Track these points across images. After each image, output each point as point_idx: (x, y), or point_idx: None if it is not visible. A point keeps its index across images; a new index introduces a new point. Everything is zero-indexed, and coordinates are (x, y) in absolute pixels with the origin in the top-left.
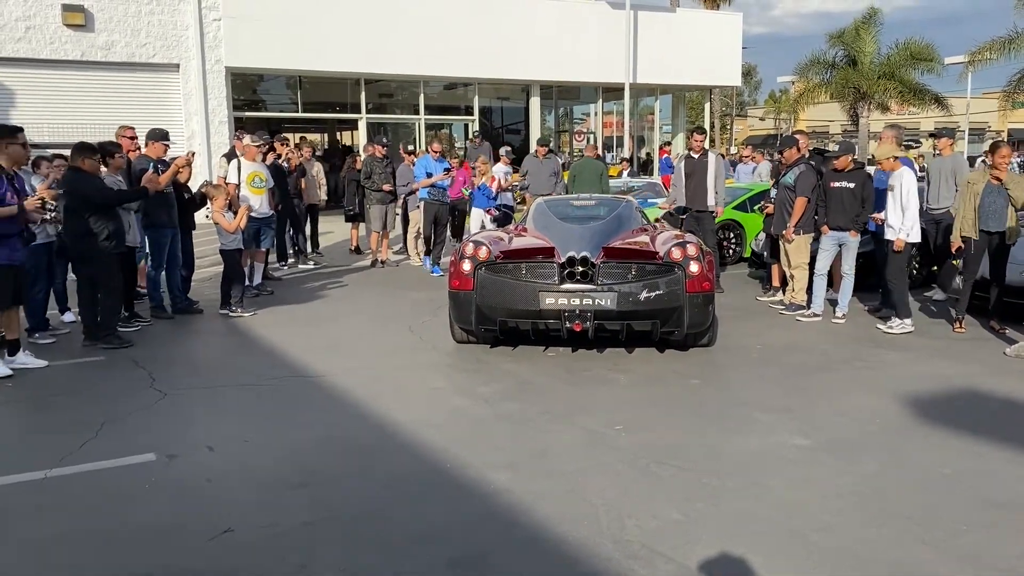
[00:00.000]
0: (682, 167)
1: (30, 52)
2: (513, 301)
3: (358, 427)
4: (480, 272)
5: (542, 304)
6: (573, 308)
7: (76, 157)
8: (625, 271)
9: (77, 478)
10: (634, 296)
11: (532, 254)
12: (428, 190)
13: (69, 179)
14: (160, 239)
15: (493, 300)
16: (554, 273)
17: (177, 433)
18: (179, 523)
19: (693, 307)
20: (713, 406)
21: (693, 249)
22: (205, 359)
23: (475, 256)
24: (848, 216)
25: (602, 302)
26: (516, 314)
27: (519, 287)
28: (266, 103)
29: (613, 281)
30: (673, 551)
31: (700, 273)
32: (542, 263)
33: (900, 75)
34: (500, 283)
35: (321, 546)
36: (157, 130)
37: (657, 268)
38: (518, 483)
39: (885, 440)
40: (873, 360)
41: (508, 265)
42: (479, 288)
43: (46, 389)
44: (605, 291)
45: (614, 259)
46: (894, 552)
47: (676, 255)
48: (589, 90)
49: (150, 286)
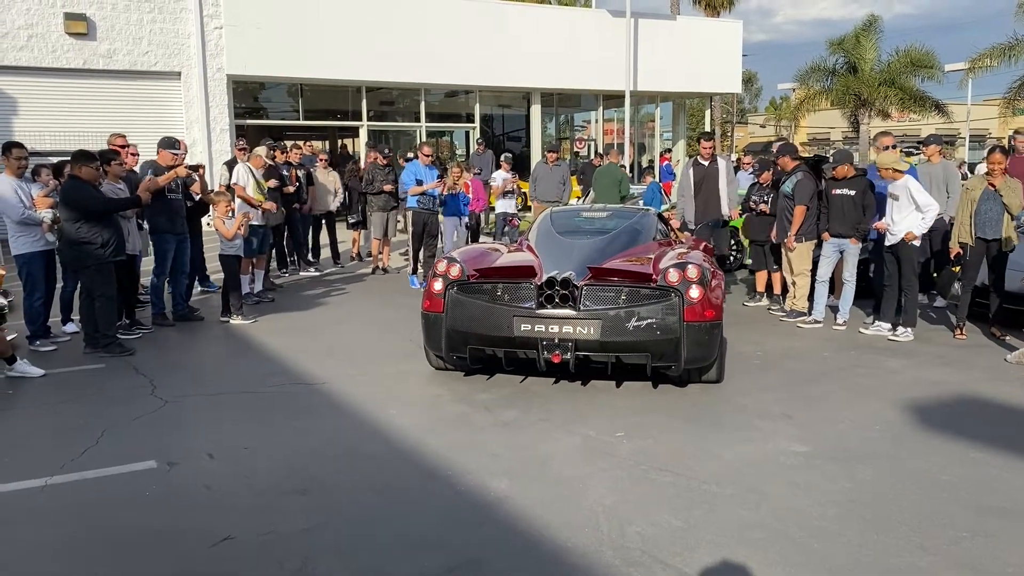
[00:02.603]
0: (691, 175)
1: (33, 60)
2: (485, 326)
3: (357, 434)
4: (451, 292)
5: (517, 330)
6: (551, 337)
7: (74, 165)
8: (614, 295)
9: (78, 485)
10: (621, 325)
11: (510, 273)
12: (417, 198)
13: (66, 187)
14: (162, 245)
15: (464, 324)
16: (532, 296)
17: (177, 440)
18: (179, 530)
19: (693, 339)
20: (712, 413)
21: (694, 271)
22: (205, 367)
23: (446, 274)
24: (849, 223)
25: (584, 330)
26: (488, 341)
27: (492, 311)
28: (267, 111)
29: (598, 307)
30: (672, 557)
31: (702, 299)
32: (519, 284)
33: (900, 82)
34: (472, 305)
35: (319, 553)
36: (166, 138)
37: (651, 293)
38: (517, 490)
39: (885, 447)
40: (874, 367)
41: (483, 285)
42: (449, 310)
43: (47, 396)
44: (588, 318)
45: (603, 281)
46: (893, 559)
47: (673, 278)
48: (590, 97)
49: (153, 293)
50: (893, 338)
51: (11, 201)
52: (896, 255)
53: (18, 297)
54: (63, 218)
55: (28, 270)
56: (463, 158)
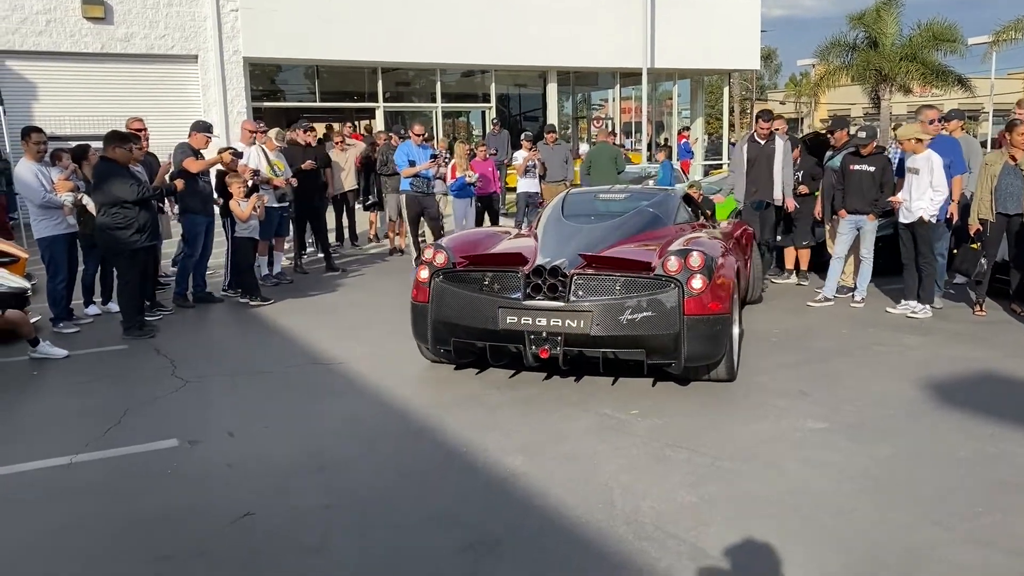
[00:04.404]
0: (744, 152)
1: (51, 45)
2: (470, 317)
3: (374, 413)
4: (436, 281)
5: (502, 323)
6: (539, 330)
7: (106, 146)
8: (608, 286)
9: (102, 463)
10: (614, 318)
11: (499, 261)
12: (410, 181)
13: (98, 170)
14: (194, 228)
15: (448, 315)
16: (519, 285)
17: (198, 420)
18: (201, 507)
19: (695, 334)
20: (729, 391)
21: (698, 259)
22: (225, 347)
23: (432, 262)
24: (866, 200)
25: (573, 324)
26: (472, 333)
27: (477, 301)
28: (284, 93)
29: (590, 298)
30: (686, 533)
31: (705, 290)
32: (507, 273)
33: (922, 56)
34: (457, 295)
35: (338, 529)
36: (200, 122)
37: (648, 283)
38: (532, 467)
39: (902, 423)
40: (892, 344)
41: (470, 274)
42: (434, 300)
43: (71, 377)
44: (578, 310)
45: (598, 270)
46: (908, 535)
47: (672, 266)
48: (606, 76)
49: (180, 274)
50: (912, 315)
51: (32, 185)
52: (912, 232)
53: (41, 280)
54: (97, 201)
55: (51, 253)
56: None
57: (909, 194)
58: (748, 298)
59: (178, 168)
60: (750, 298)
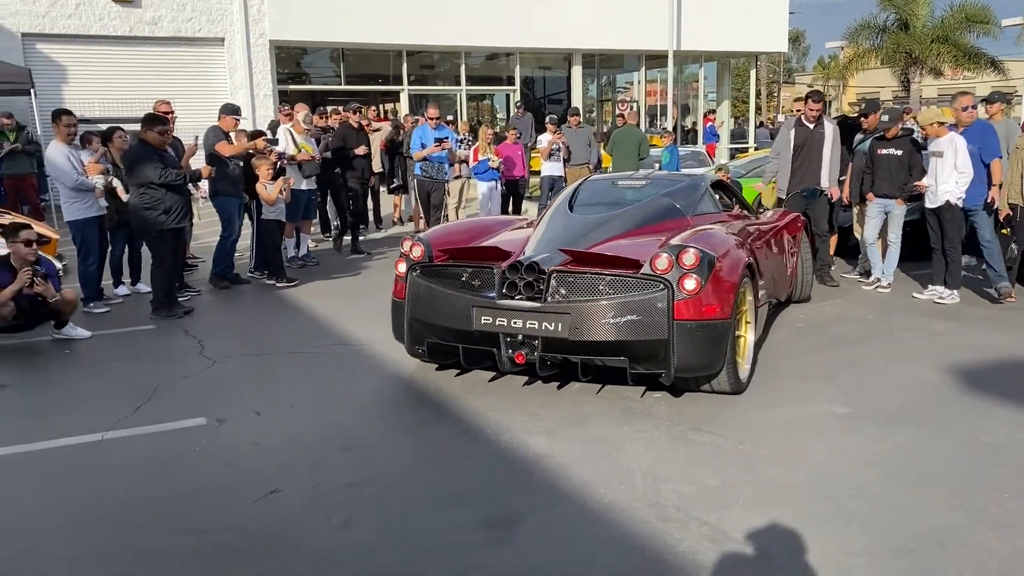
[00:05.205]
0: (791, 136)
1: (80, 28)
2: (443, 316)
3: (399, 394)
4: (413, 275)
5: (476, 323)
6: (514, 332)
7: (142, 128)
8: (591, 285)
9: (132, 440)
10: (595, 321)
11: (478, 255)
12: (420, 165)
13: (131, 152)
14: (228, 209)
15: (422, 313)
16: (495, 283)
17: (226, 399)
18: (228, 484)
19: (686, 341)
20: (753, 375)
21: (692, 257)
22: (251, 328)
23: (409, 255)
24: (894, 184)
25: (551, 326)
26: (446, 333)
27: (451, 299)
28: (310, 76)
29: (569, 299)
30: (708, 515)
31: (699, 292)
32: (485, 269)
33: (954, 38)
34: (432, 292)
35: (362, 507)
36: (229, 105)
37: (635, 283)
38: (555, 448)
39: (927, 409)
40: (918, 330)
41: (448, 269)
42: (410, 296)
43: (101, 356)
44: (555, 312)
45: (580, 267)
46: (931, 519)
47: (662, 265)
48: (632, 58)
49: (219, 254)
50: (939, 301)
51: (64, 167)
52: (939, 217)
53: (72, 261)
54: (129, 182)
55: (82, 236)
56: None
57: (934, 178)
58: (795, 297)
59: (209, 151)
60: (797, 297)
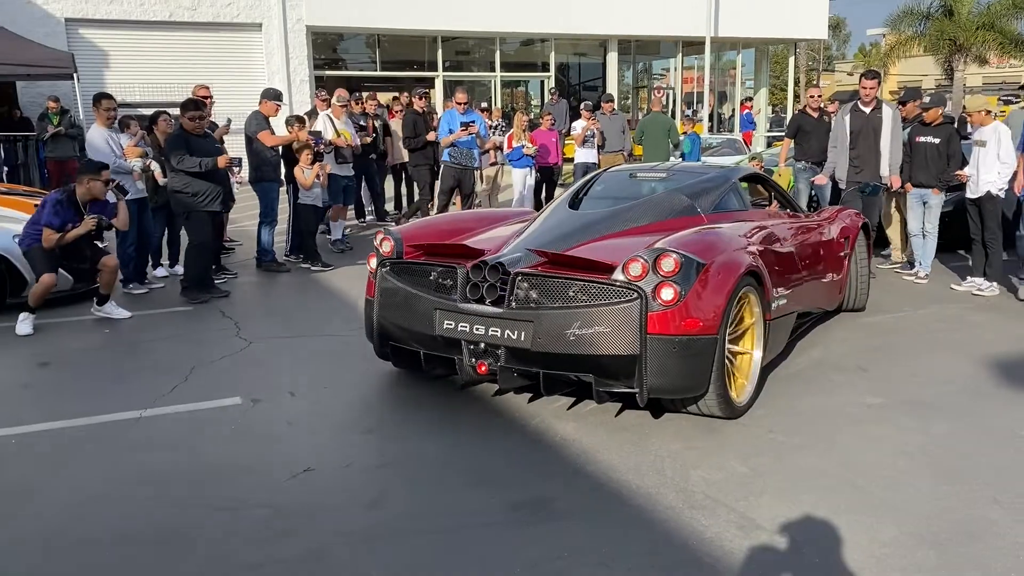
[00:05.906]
0: (846, 122)
1: (121, 14)
2: (406, 318)
3: (428, 378)
4: (381, 272)
5: (439, 327)
6: (476, 339)
7: (181, 114)
8: (559, 291)
9: (169, 418)
10: (559, 331)
11: (448, 252)
12: (449, 151)
13: (172, 136)
14: (270, 194)
15: (387, 313)
16: (458, 285)
17: (261, 379)
18: (263, 461)
19: (660, 358)
20: (785, 365)
21: (671, 263)
22: (287, 310)
23: (379, 250)
24: (932, 173)
25: (513, 335)
26: (409, 336)
27: (415, 300)
28: (346, 62)
29: (534, 306)
30: (737, 502)
31: (677, 302)
32: (449, 269)
33: (1001, 25)
34: (396, 292)
35: (391, 486)
36: (271, 90)
37: (605, 290)
38: (583, 434)
39: (962, 401)
40: (955, 321)
41: (419, 267)
42: (377, 294)
43: (140, 335)
44: (518, 319)
45: (548, 270)
46: (963, 510)
47: (635, 271)
48: (668, 45)
49: (266, 244)
50: (977, 292)
51: (104, 150)
52: (979, 207)
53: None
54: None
55: None
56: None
57: (976, 168)
58: (847, 306)
59: (251, 136)
60: (851, 306)
